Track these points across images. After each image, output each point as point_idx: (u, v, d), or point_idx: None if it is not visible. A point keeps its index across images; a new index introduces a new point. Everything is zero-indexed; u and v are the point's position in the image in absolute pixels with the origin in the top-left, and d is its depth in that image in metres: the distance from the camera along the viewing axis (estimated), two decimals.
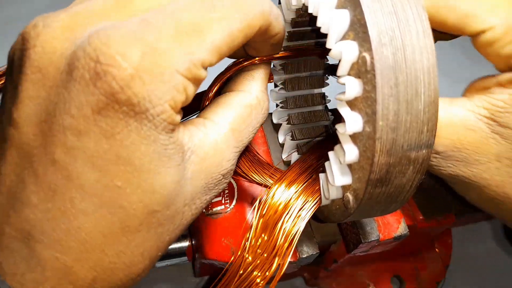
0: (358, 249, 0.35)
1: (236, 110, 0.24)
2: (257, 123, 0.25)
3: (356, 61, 0.21)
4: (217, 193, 0.24)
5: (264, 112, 0.26)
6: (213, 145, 0.23)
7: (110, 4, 0.20)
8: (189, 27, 0.20)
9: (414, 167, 0.22)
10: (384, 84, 0.20)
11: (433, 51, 0.21)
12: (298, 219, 0.28)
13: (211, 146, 0.23)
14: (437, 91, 0.21)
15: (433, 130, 0.21)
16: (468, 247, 0.54)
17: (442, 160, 0.29)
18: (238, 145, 0.24)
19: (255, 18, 0.21)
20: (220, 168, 0.23)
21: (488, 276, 0.52)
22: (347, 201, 0.24)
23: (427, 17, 0.21)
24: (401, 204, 0.25)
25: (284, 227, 0.28)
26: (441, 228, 0.42)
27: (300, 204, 0.28)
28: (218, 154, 0.23)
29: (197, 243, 0.38)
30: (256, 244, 0.28)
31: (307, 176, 0.30)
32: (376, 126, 0.20)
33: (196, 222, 0.37)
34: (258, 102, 0.25)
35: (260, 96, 0.26)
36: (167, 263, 0.41)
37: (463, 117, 0.28)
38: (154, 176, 0.20)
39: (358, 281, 0.47)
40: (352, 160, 0.23)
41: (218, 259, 0.35)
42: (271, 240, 0.28)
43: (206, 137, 0.23)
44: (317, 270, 0.45)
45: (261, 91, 0.26)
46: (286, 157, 0.36)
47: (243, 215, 0.35)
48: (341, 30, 0.22)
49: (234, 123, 0.24)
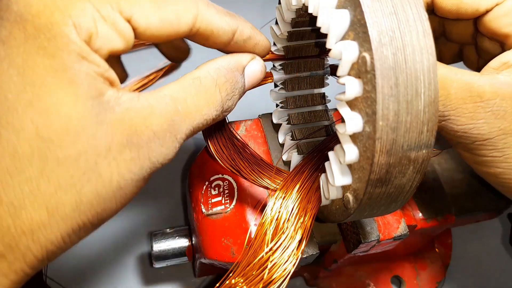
0: (358, 249, 0.35)
1: (181, 82, 0.24)
2: (213, 97, 0.24)
3: (356, 61, 0.21)
4: (152, 161, 0.22)
5: (221, 89, 0.25)
6: (144, 102, 0.22)
7: None
8: None
9: (414, 167, 0.22)
10: (384, 84, 0.20)
11: (433, 51, 0.21)
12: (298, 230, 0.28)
13: (140, 103, 0.21)
14: (437, 91, 0.21)
15: (433, 130, 0.21)
16: (468, 247, 0.54)
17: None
18: (181, 115, 0.23)
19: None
20: (146, 121, 0.21)
21: (488, 276, 0.52)
22: (347, 201, 0.24)
23: (427, 17, 0.21)
24: (401, 204, 0.25)
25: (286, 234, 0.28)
26: (441, 228, 0.42)
27: (301, 212, 0.28)
28: (147, 109, 0.21)
29: (197, 243, 0.38)
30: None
31: (308, 181, 0.30)
32: (376, 126, 0.20)
33: (196, 222, 0.37)
34: (210, 77, 0.24)
35: (212, 72, 0.25)
36: (167, 263, 0.42)
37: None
38: (48, 94, 0.19)
39: (358, 281, 0.47)
40: (352, 160, 0.23)
41: (218, 259, 0.35)
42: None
43: (138, 97, 0.22)
44: (317, 270, 0.45)
45: (217, 68, 0.25)
46: (286, 157, 0.36)
47: (243, 215, 0.35)
48: (341, 30, 0.22)
49: (175, 92, 0.23)
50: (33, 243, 0.20)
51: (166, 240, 0.41)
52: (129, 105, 0.21)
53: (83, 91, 0.20)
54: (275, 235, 0.28)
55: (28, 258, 0.20)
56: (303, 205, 0.29)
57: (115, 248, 0.49)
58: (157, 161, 0.22)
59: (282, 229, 0.28)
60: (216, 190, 0.37)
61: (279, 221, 0.28)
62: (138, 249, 0.49)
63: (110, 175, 0.20)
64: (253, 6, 0.70)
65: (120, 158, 0.21)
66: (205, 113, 0.24)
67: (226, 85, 0.25)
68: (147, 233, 0.49)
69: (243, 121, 0.39)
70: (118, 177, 0.21)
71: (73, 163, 0.19)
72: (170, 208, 0.52)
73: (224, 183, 0.37)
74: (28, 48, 0.19)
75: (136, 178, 0.21)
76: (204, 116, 0.24)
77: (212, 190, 0.37)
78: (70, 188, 0.20)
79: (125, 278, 0.47)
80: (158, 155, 0.22)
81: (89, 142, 0.20)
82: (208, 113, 0.24)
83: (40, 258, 0.20)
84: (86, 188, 0.20)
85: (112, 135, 0.20)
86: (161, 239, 0.41)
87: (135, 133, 0.21)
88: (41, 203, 0.19)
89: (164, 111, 0.22)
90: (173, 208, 0.52)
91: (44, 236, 0.20)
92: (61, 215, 0.20)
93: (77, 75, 0.19)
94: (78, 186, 0.20)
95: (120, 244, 0.49)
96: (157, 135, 0.22)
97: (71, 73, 0.19)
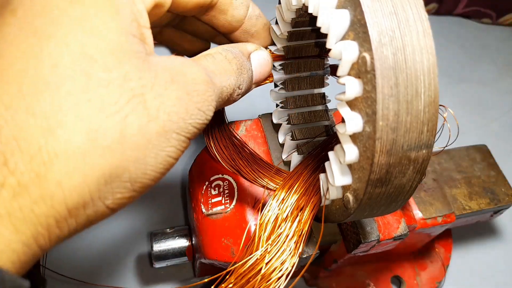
0: (358, 249, 0.35)
1: (196, 59, 0.24)
2: (227, 67, 0.25)
3: (356, 61, 0.21)
4: (197, 107, 0.21)
5: (232, 62, 0.25)
6: (178, 60, 0.21)
7: None
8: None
9: (414, 167, 0.22)
10: (384, 84, 0.20)
11: (433, 51, 0.21)
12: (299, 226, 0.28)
13: (173, 60, 0.21)
14: (437, 91, 0.21)
15: (433, 130, 0.21)
16: (468, 247, 0.54)
17: None
18: (215, 84, 0.23)
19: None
20: (185, 68, 0.21)
21: (488, 276, 0.52)
22: (347, 201, 0.24)
23: (427, 17, 0.21)
24: (401, 204, 0.25)
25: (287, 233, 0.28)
26: (441, 228, 0.42)
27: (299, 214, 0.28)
28: (182, 63, 0.21)
29: (197, 243, 0.38)
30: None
31: (308, 180, 0.30)
32: (376, 126, 0.20)
33: (196, 222, 0.37)
34: (219, 53, 0.25)
35: (220, 49, 0.26)
36: (167, 263, 0.42)
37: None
38: (95, 15, 0.18)
39: (358, 281, 0.47)
40: (352, 160, 0.22)
41: (218, 259, 0.35)
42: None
43: (176, 59, 0.21)
44: (317, 270, 0.45)
45: (224, 49, 0.26)
46: (286, 157, 0.36)
47: (243, 215, 0.35)
48: (341, 30, 0.22)
49: (197, 63, 0.23)
50: (67, 177, 0.16)
51: (166, 240, 0.41)
52: (165, 58, 0.20)
53: (126, 25, 0.19)
54: (274, 235, 0.28)
55: (56, 201, 0.16)
56: (303, 205, 0.29)
57: (115, 248, 0.49)
58: (201, 108, 0.20)
59: (281, 229, 0.28)
60: (216, 190, 0.37)
61: (278, 221, 0.28)
62: (138, 249, 0.49)
63: (156, 110, 0.18)
64: None
65: (165, 94, 0.19)
66: (225, 80, 0.24)
67: (234, 60, 0.26)
68: (147, 233, 0.49)
69: (243, 121, 0.39)
70: (164, 115, 0.18)
71: (118, 88, 0.17)
72: (170, 208, 0.52)
73: (224, 183, 0.37)
74: None
75: (182, 127, 0.19)
76: (223, 83, 0.24)
77: (212, 190, 0.37)
78: (114, 113, 0.17)
79: (125, 278, 0.47)
80: (202, 102, 0.20)
81: (133, 70, 0.18)
82: (227, 81, 0.24)
83: (66, 207, 0.16)
84: (130, 118, 0.17)
85: (156, 71, 0.19)
86: (161, 239, 0.41)
87: (180, 73, 0.20)
88: (81, 124, 0.16)
89: (197, 69, 0.22)
90: (173, 208, 0.52)
91: (81, 168, 0.16)
92: (102, 145, 0.17)
93: (123, 8, 0.19)
94: (122, 113, 0.17)
95: (120, 244, 0.49)
96: (197, 81, 0.21)
97: (118, 4, 0.19)
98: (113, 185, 0.17)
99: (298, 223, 0.28)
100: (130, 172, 0.18)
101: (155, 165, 0.19)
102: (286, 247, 0.27)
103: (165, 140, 0.19)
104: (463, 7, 0.74)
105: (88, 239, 0.49)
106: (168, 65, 0.20)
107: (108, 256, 0.48)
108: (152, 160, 0.19)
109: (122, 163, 0.17)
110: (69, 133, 0.16)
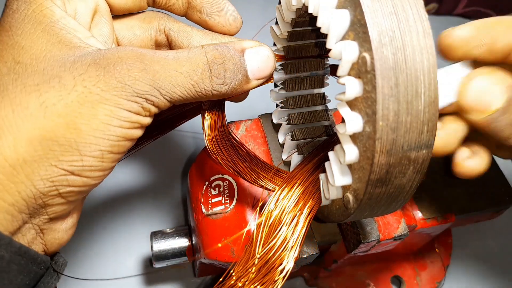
0: (358, 249, 0.35)
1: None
2: (197, 56, 0.26)
3: (356, 61, 0.21)
4: (120, 82, 0.23)
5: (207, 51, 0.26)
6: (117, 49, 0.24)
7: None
8: None
9: (414, 167, 0.22)
10: (384, 84, 0.20)
11: (433, 51, 0.21)
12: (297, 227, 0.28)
13: (113, 49, 0.25)
14: (437, 91, 0.21)
15: (433, 130, 0.21)
16: (468, 247, 0.54)
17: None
18: (159, 60, 0.24)
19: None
20: (114, 53, 0.23)
21: (488, 276, 0.52)
22: (347, 201, 0.24)
23: (427, 17, 0.21)
24: (401, 204, 0.25)
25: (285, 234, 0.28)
26: (441, 228, 0.42)
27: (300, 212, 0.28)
28: (116, 50, 0.24)
29: (197, 243, 0.38)
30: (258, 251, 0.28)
31: (308, 181, 0.30)
32: (376, 126, 0.20)
33: (196, 222, 0.37)
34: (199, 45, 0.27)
35: (203, 43, 0.28)
36: (167, 263, 0.42)
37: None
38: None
39: (358, 281, 0.47)
40: (352, 160, 0.22)
41: (218, 259, 0.35)
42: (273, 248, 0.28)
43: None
44: (317, 270, 0.45)
45: (210, 43, 0.28)
46: (286, 157, 0.36)
47: (243, 215, 0.35)
48: (341, 30, 0.22)
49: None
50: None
51: (166, 240, 0.41)
52: (101, 48, 0.24)
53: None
54: (273, 235, 0.28)
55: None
56: (302, 205, 0.29)
57: (115, 248, 0.49)
58: (127, 82, 0.23)
59: (280, 229, 0.28)
60: (216, 190, 0.37)
61: (278, 221, 0.28)
62: (138, 249, 0.49)
63: (73, 83, 0.22)
64: (253, 6, 0.70)
65: (85, 74, 0.22)
66: (187, 65, 0.25)
67: (214, 51, 0.26)
68: (147, 233, 0.49)
69: (243, 121, 0.39)
70: (83, 88, 0.22)
71: (40, 74, 0.22)
72: (170, 208, 0.52)
73: (224, 183, 0.37)
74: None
75: (106, 97, 0.22)
76: (184, 68, 0.25)
77: (212, 190, 0.37)
78: (35, 91, 0.22)
79: (125, 278, 0.47)
80: (127, 77, 0.23)
81: (53, 59, 0.22)
82: (189, 68, 0.25)
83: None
84: (50, 93, 0.22)
85: (75, 57, 0.23)
86: (161, 239, 0.41)
87: (103, 58, 0.23)
88: (7, 101, 0.21)
89: (132, 51, 0.24)
90: (173, 208, 0.52)
91: (15, 135, 0.21)
92: (25, 114, 0.21)
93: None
94: (42, 90, 0.22)
95: (120, 244, 0.49)
96: (126, 62, 0.23)
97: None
98: (42, 146, 0.22)
99: (297, 223, 0.28)
100: (55, 132, 0.22)
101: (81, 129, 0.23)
102: (286, 247, 0.27)
103: (90, 111, 0.22)
104: (463, 7, 0.74)
105: (88, 239, 0.49)
106: (94, 51, 0.24)
107: (108, 256, 0.48)
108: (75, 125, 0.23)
109: (46, 125, 0.22)
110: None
